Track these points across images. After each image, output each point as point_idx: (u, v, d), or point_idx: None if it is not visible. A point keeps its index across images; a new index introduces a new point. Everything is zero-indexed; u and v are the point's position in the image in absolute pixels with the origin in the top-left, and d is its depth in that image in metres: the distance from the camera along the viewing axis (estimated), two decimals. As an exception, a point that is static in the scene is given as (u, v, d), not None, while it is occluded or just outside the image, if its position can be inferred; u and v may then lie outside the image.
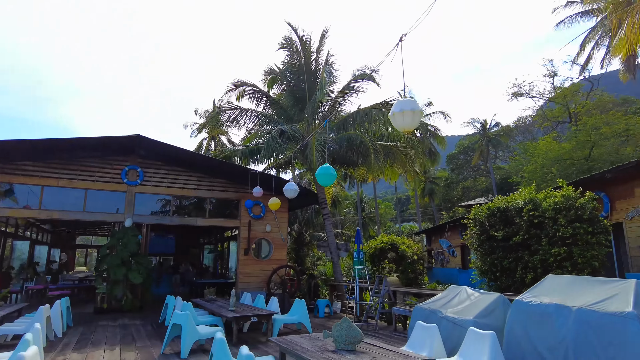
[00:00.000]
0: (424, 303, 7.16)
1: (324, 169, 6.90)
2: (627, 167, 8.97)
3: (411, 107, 4.20)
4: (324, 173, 6.83)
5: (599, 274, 8.15)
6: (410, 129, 4.26)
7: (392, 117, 4.33)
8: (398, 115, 4.22)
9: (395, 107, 4.29)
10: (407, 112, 4.17)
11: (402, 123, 4.23)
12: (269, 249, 16.26)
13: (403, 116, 4.20)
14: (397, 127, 4.32)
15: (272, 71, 15.63)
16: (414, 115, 4.18)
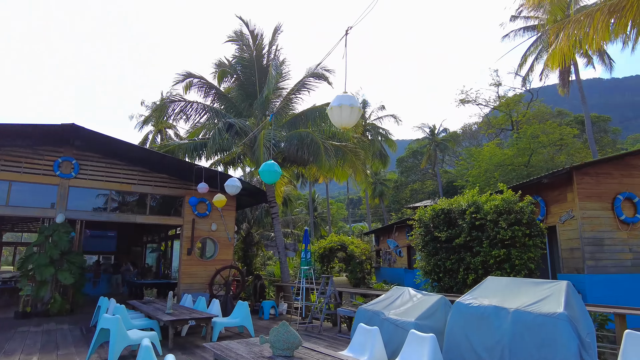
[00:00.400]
0: (367, 304, 7.08)
1: (268, 165, 6.60)
2: (560, 173, 9.43)
3: (350, 103, 4.02)
4: (268, 170, 6.52)
5: (535, 275, 8.48)
6: (348, 125, 4.09)
7: (330, 111, 4.14)
8: (336, 110, 4.04)
9: (334, 102, 4.10)
10: (345, 108, 4.00)
11: (339, 119, 4.05)
12: (214, 248, 15.69)
13: (341, 111, 4.02)
14: (335, 122, 4.14)
15: (222, 64, 15.08)
16: (352, 111, 4.01)
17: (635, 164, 10.05)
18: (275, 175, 6.51)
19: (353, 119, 4.07)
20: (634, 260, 9.37)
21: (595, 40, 7.55)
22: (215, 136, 12.17)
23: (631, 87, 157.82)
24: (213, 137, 12.27)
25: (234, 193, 10.17)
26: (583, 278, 8.93)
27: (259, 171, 6.70)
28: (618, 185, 9.73)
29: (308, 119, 13.39)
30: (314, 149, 11.74)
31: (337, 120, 4.09)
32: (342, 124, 4.07)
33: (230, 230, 15.89)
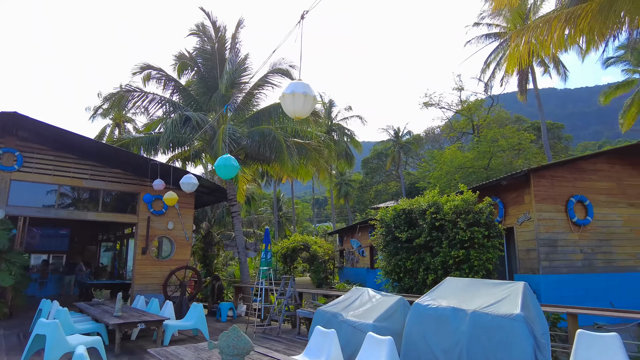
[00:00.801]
0: (326, 306, 6.88)
1: (224, 159, 6.23)
2: (519, 175, 9.62)
3: (303, 91, 3.77)
4: (224, 164, 6.15)
5: (493, 276, 8.57)
6: (302, 115, 3.84)
7: (283, 99, 3.87)
8: (289, 98, 3.78)
9: (287, 89, 3.84)
10: (299, 96, 3.75)
11: (292, 107, 3.79)
12: (171, 248, 15.07)
13: (294, 99, 3.76)
14: (288, 111, 3.89)
15: (183, 56, 14.50)
16: (305, 100, 3.76)
17: (587, 168, 10.41)
18: (231, 170, 6.16)
19: (307, 108, 3.81)
20: (584, 261, 9.68)
21: (553, 46, 7.69)
22: (169, 130, 11.63)
23: (582, 97, 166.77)
24: (166, 130, 11.73)
25: (191, 190, 9.70)
26: (538, 278, 9.13)
27: (214, 165, 6.34)
28: (571, 188, 10.04)
29: (271, 116, 13.08)
30: (276, 147, 11.43)
31: (290, 109, 3.83)
32: (296, 113, 3.82)
33: (188, 229, 15.31)
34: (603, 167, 10.56)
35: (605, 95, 32.00)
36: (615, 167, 10.69)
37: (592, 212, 9.91)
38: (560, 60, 28.17)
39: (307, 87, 3.83)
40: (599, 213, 10.09)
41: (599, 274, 9.67)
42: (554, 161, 9.53)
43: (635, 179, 10.78)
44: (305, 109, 3.81)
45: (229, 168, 6.13)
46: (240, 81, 14.33)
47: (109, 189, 13.87)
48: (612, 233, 10.13)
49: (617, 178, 10.61)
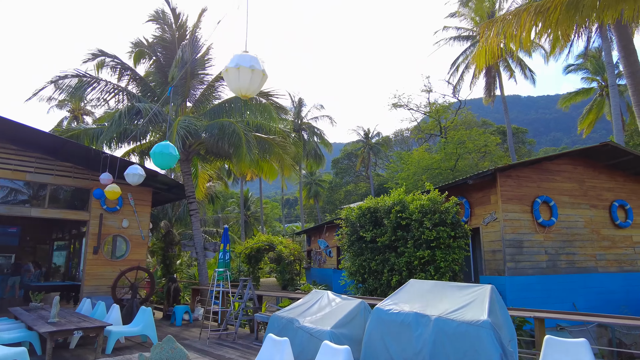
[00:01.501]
0: (282, 311, 6.36)
1: (162, 146, 5.56)
2: (486, 174, 9.43)
3: (250, 64, 3.24)
4: (160, 152, 5.48)
5: (459, 278, 8.31)
6: (249, 92, 3.31)
7: (226, 74, 3.32)
8: (232, 72, 3.24)
9: (230, 62, 3.27)
10: (245, 70, 3.21)
11: (237, 83, 3.26)
12: (126, 247, 14.15)
13: (239, 74, 3.22)
14: (232, 88, 3.34)
15: (140, 44, 13.60)
16: (253, 75, 3.23)
17: (552, 169, 10.37)
18: (169, 159, 5.50)
19: (255, 84, 3.28)
20: (548, 262, 9.60)
21: (523, 40, 7.50)
22: (115, 120, 10.79)
23: (543, 105, 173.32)
24: (113, 121, 10.89)
25: (136, 182, 8.94)
26: (503, 280, 8.95)
27: (150, 153, 5.69)
28: (536, 189, 9.95)
29: (233, 109, 12.42)
30: (235, 140, 10.79)
31: (234, 86, 3.28)
32: (241, 90, 3.28)
33: (144, 228, 14.43)
34: (567, 168, 10.56)
35: (565, 101, 33.09)
36: (578, 168, 10.72)
37: (556, 213, 9.86)
38: (526, 65, 28.79)
39: (254, 60, 3.29)
40: (563, 214, 10.05)
41: (562, 275, 9.61)
42: (520, 161, 9.38)
43: (596, 181, 10.85)
44: (253, 85, 3.27)
45: (166, 156, 5.46)
46: (202, 72, 13.59)
47: (57, 184, 12.83)
48: (575, 234, 10.12)
49: (580, 180, 10.64)
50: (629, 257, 10.65)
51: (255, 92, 3.36)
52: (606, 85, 31.53)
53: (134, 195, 14.34)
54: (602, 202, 10.71)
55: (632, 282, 10.38)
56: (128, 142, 13.14)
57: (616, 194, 10.96)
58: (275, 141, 12.53)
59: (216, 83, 13.86)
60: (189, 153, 13.24)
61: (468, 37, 29.73)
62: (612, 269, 10.33)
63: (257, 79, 3.25)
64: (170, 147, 5.56)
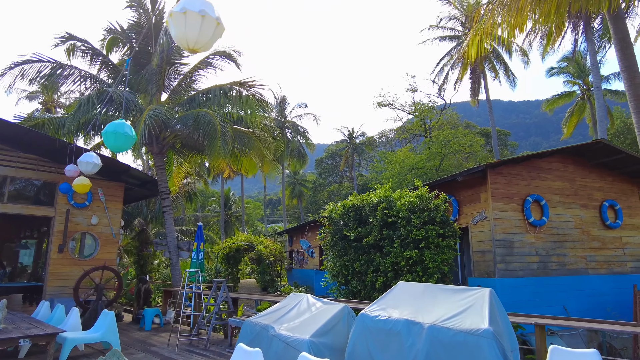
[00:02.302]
0: (256, 317, 5.73)
1: (116, 125, 4.78)
2: (476, 170, 8.98)
3: (200, 8, 2.55)
4: (114, 131, 4.69)
5: (447, 279, 7.80)
6: (197, 45, 2.62)
7: (170, 19, 2.63)
8: (178, 18, 2.54)
9: (177, 6, 2.59)
10: (193, 16, 2.54)
11: (184, 32, 2.57)
12: (95, 246, 13.28)
13: (185, 20, 2.56)
14: (178, 38, 2.64)
15: (114, 30, 12.76)
16: (203, 24, 2.54)
17: (543, 166, 10.00)
18: (124, 140, 4.74)
19: (205, 35, 2.60)
20: (539, 264, 9.20)
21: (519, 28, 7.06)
22: (81, 108, 9.97)
23: (523, 110, 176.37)
24: (80, 106, 10.07)
25: (91, 172, 8.16)
26: (494, 282, 8.50)
27: (102, 133, 4.95)
28: (527, 187, 9.56)
29: (210, 101, 11.70)
30: (210, 131, 10.07)
31: (180, 35, 2.61)
32: (189, 41, 2.62)
33: (115, 225, 13.58)
34: (558, 166, 10.21)
35: (549, 104, 33.33)
36: (569, 167, 10.38)
37: (547, 213, 9.48)
38: (509, 67, 28.77)
39: (206, 5, 2.61)
40: (554, 214, 9.69)
41: (553, 277, 9.22)
42: (511, 157, 8.95)
43: (586, 180, 10.54)
44: (204, 36, 2.59)
45: (120, 137, 4.68)
46: (179, 61, 12.83)
47: (19, 177, 11.90)
48: (566, 235, 9.76)
49: (570, 178, 10.31)
50: (619, 259, 10.36)
51: (207, 46, 2.72)
52: (588, 89, 31.87)
53: (104, 190, 13.49)
54: (593, 201, 10.40)
55: (621, 284, 10.08)
56: (99, 134, 12.26)
57: (606, 194, 10.67)
58: (255, 135, 11.85)
59: (194, 73, 13.11)
60: (163, 146, 12.46)
61: (454, 37, 29.58)
62: (602, 271, 10.01)
63: (209, 29, 2.59)
64: (125, 127, 4.82)
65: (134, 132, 4.90)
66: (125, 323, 11.38)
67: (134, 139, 4.89)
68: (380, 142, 46.11)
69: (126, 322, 11.62)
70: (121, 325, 11.03)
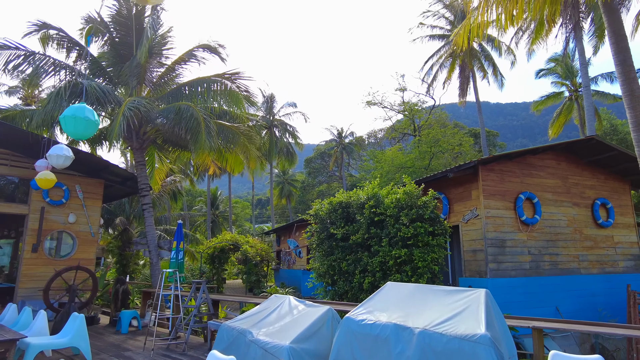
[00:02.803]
0: (234, 320, 5.32)
1: (75, 109, 4.28)
2: (468, 166, 8.67)
3: None
4: (72, 115, 4.19)
5: (438, 280, 7.47)
6: None
7: None
8: None
9: None
10: None
11: None
12: (72, 245, 12.73)
13: None
14: None
15: (92, 19, 12.20)
16: None
17: (535, 163, 9.75)
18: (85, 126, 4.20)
19: None
20: (531, 263, 8.93)
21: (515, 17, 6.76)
22: (52, 97, 9.44)
23: (510, 112, 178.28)
24: (50, 99, 9.54)
25: (62, 165, 7.64)
26: (485, 282, 8.20)
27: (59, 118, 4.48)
28: (520, 185, 9.29)
29: (193, 94, 11.22)
30: (193, 125, 9.59)
31: None
32: None
33: (94, 224, 13.03)
34: (550, 163, 9.97)
35: (537, 105, 33.42)
36: (562, 164, 10.16)
37: (540, 211, 9.22)
38: (498, 67, 28.70)
39: None
40: (546, 212, 9.44)
41: (546, 277, 8.97)
42: (503, 153, 8.67)
43: (578, 177, 10.33)
44: None
45: (80, 122, 4.17)
46: (161, 52, 12.32)
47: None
48: (558, 233, 9.52)
49: (563, 176, 10.08)
50: (610, 258, 10.16)
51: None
52: (575, 90, 32.00)
53: (83, 187, 12.94)
54: (585, 200, 10.19)
55: (612, 284, 9.89)
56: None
57: (598, 192, 10.47)
58: (240, 130, 11.40)
59: (176, 66, 12.61)
60: (143, 141, 11.94)
61: (442, 36, 29.43)
62: (593, 271, 9.80)
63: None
64: (86, 110, 4.34)
65: (96, 117, 4.42)
66: (101, 326, 10.86)
67: (96, 125, 4.41)
68: (370, 142, 45.92)
69: (103, 324, 11.10)
70: (97, 328, 10.51)
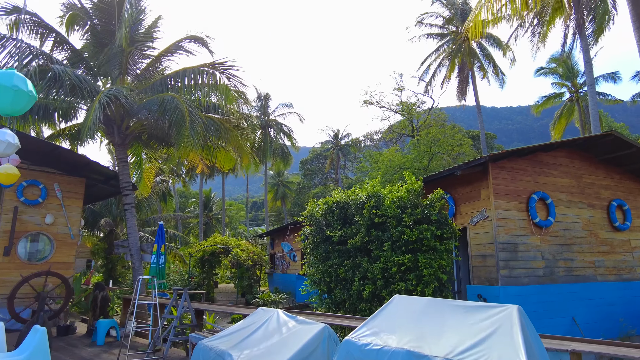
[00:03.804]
0: (213, 338, 4.52)
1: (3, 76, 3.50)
2: (477, 163, 7.91)
3: None
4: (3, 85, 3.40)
5: (446, 290, 6.70)
6: None
7: None
8: None
9: None
10: None
11: None
12: (50, 248, 11.92)
13: None
14: None
15: (73, 6, 11.39)
16: None
17: (547, 161, 9.02)
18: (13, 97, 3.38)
19: None
20: (545, 269, 8.19)
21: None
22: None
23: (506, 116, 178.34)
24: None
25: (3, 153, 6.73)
26: (497, 290, 7.43)
27: None
28: (532, 184, 8.55)
29: (180, 87, 10.40)
30: (177, 118, 8.79)
31: None
32: None
33: (74, 225, 12.20)
34: (563, 161, 9.25)
35: (538, 106, 32.90)
36: (575, 162, 9.44)
37: (554, 212, 8.48)
38: (498, 67, 28.08)
39: None
40: (560, 214, 8.70)
41: (561, 284, 8.22)
42: (514, 148, 7.92)
43: (593, 177, 9.61)
44: None
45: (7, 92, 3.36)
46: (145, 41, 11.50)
47: (-41, 170, 10.45)
48: (573, 237, 8.79)
49: (577, 175, 9.36)
50: (628, 264, 9.45)
51: None
52: (576, 91, 31.47)
53: (62, 186, 12.10)
54: (600, 201, 9.47)
55: (631, 292, 9.17)
56: (46, 121, 10.84)
57: (614, 193, 9.76)
58: (232, 123, 10.60)
59: (163, 57, 11.81)
60: (126, 136, 11.12)
61: (441, 35, 28.82)
62: (610, 277, 9.07)
63: None
64: (15, 78, 3.49)
65: (30, 87, 3.61)
66: (77, 336, 10.00)
67: (30, 97, 3.59)
68: (366, 144, 45.29)
69: (79, 334, 10.24)
70: (72, 339, 9.65)
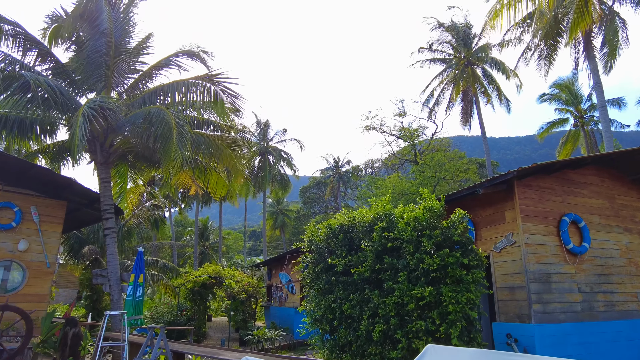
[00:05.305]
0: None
1: None
2: (502, 180, 6.92)
3: None
4: None
5: (474, 329, 5.56)
6: None
7: None
8: None
9: None
10: None
11: None
12: (22, 277, 10.76)
13: None
14: None
15: (58, 17, 10.74)
16: None
17: (576, 179, 8.05)
18: None
19: None
20: (583, 304, 7.05)
21: None
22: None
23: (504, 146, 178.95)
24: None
25: None
26: (531, 329, 6.27)
27: None
28: (562, 205, 7.54)
29: (169, 97, 9.57)
30: (164, 131, 7.87)
31: None
32: None
33: (51, 252, 11.09)
34: (593, 180, 8.27)
35: (542, 133, 32.37)
36: (606, 181, 8.46)
37: (588, 238, 7.43)
38: (502, 92, 27.60)
39: None
40: (595, 239, 7.65)
41: (602, 321, 7.07)
42: (540, 163, 6.94)
43: (626, 198, 8.62)
44: None
45: None
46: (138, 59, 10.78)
47: None
48: (611, 266, 7.70)
49: (609, 195, 8.36)
50: (671, 298, 8.30)
51: None
52: (581, 116, 30.94)
53: (40, 209, 11.05)
54: (637, 225, 8.43)
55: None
56: (23, 137, 9.93)
57: (650, 216, 8.74)
58: (224, 140, 9.70)
59: (154, 72, 11.05)
60: (110, 154, 10.18)
61: (444, 60, 28.50)
62: (655, 313, 7.92)
63: None
64: None
65: None
66: (43, 380, 8.74)
67: None
68: (367, 172, 44.63)
69: (46, 378, 8.97)
70: (35, 384, 8.39)
